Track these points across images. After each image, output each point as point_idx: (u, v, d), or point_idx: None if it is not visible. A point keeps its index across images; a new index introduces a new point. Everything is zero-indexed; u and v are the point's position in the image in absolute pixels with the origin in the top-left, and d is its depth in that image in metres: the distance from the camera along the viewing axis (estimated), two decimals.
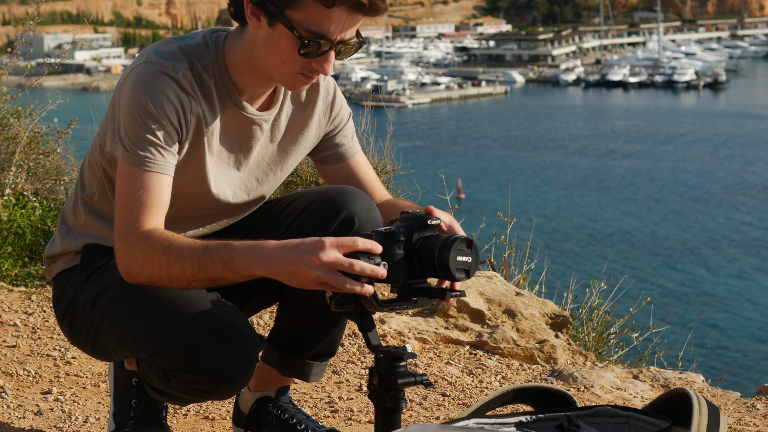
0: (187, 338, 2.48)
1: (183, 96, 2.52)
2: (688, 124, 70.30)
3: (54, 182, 6.34)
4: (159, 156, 2.49)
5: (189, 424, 3.51)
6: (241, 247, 2.36)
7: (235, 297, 2.85)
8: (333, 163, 2.90)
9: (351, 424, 3.57)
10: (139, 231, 2.45)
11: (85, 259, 2.71)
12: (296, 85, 2.57)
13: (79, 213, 2.75)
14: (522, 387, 2.66)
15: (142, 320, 2.54)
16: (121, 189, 2.49)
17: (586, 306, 5.63)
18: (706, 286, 30.51)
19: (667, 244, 36.24)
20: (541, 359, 4.47)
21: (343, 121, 2.89)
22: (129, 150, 2.48)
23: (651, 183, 48.29)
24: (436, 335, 4.53)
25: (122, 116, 2.51)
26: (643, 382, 4.20)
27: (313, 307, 2.83)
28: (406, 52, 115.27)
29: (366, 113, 6.20)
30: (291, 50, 2.47)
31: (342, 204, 2.76)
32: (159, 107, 2.49)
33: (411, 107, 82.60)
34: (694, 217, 40.76)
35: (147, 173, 2.48)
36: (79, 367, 4.02)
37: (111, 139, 2.54)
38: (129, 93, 2.50)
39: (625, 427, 2.48)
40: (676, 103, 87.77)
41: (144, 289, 2.53)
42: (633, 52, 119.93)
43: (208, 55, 2.59)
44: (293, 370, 2.98)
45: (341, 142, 2.89)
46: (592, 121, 72.69)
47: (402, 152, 6.32)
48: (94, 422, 3.49)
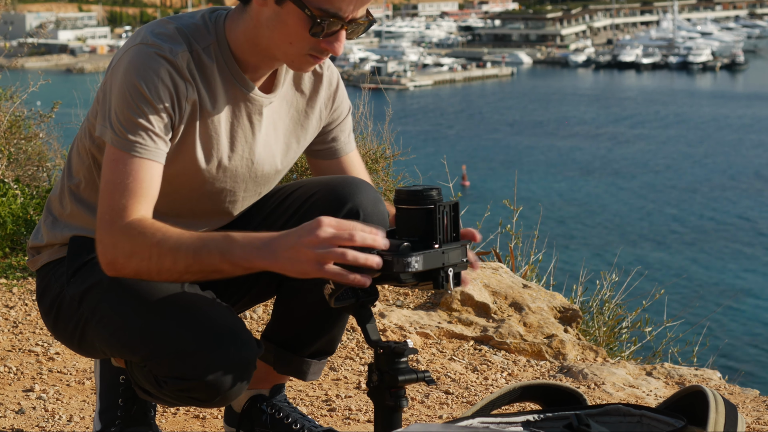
0: (181, 343, 2.45)
1: (179, 81, 2.50)
2: (704, 108, 70.27)
3: (36, 169, 6.35)
4: (150, 142, 2.46)
5: (178, 423, 3.51)
6: (241, 237, 2.33)
7: (231, 291, 2.83)
8: (326, 159, 2.89)
9: (349, 424, 3.57)
10: (126, 220, 2.41)
11: (72, 252, 2.69)
12: (303, 66, 2.56)
13: (66, 202, 2.73)
14: (529, 384, 2.66)
15: (133, 322, 2.50)
16: (107, 175, 2.46)
17: (596, 299, 5.63)
18: (723, 278, 30.53)
19: (682, 234, 36.27)
20: (550, 355, 4.47)
21: (342, 115, 2.88)
22: (118, 134, 2.45)
23: (665, 169, 48.30)
24: (439, 330, 4.54)
25: (114, 99, 2.48)
26: (656, 379, 4.20)
27: (315, 302, 2.80)
28: (407, 32, 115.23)
29: (364, 96, 6.19)
30: (300, 29, 2.46)
31: (346, 196, 2.75)
32: (153, 91, 2.46)
33: (412, 90, 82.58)
34: (711, 206, 40.78)
35: (136, 159, 2.45)
36: (62, 364, 4.02)
37: (101, 123, 2.50)
38: (122, 75, 2.48)
39: (638, 427, 2.48)
40: (691, 85, 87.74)
41: (136, 288, 2.51)
42: (646, 31, 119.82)
43: (207, 36, 2.57)
44: (290, 368, 2.97)
45: (338, 136, 2.88)
46: (602, 104, 72.67)
47: (402, 137, 6.32)
48: (78, 421, 3.49)
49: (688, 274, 29.12)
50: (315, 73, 2.78)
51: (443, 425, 2.38)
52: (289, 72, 2.73)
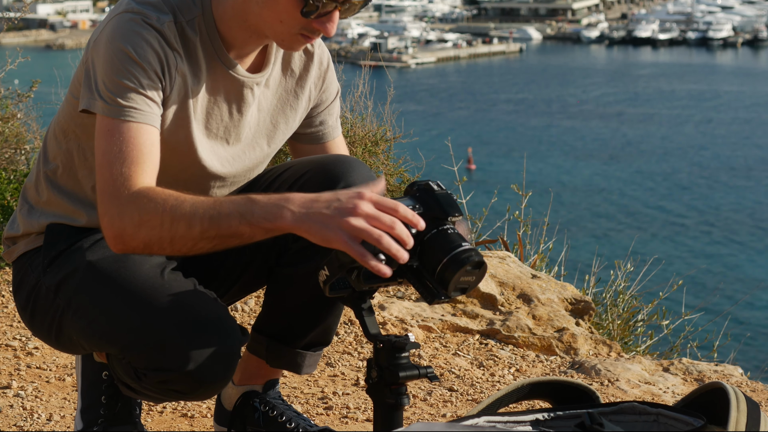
0: (160, 333, 2.46)
1: (168, 50, 2.49)
2: (725, 86, 70.24)
3: (14, 151, 6.33)
4: (144, 105, 2.44)
5: (165, 422, 3.51)
6: (264, 198, 2.29)
7: (219, 282, 2.83)
8: (309, 143, 2.89)
9: (347, 423, 3.57)
10: (133, 189, 2.38)
11: (48, 240, 2.68)
12: (293, 45, 2.55)
13: (42, 189, 2.73)
14: (538, 381, 2.66)
15: (110, 311, 2.51)
16: (103, 147, 2.43)
17: (610, 290, 5.64)
18: (745, 268, 30.55)
19: (701, 221, 36.28)
20: (560, 350, 4.47)
21: (331, 97, 2.88)
22: (109, 101, 2.43)
23: (683, 152, 48.30)
24: (443, 323, 4.54)
25: (99, 68, 2.46)
26: (674, 376, 4.20)
27: (308, 290, 2.81)
28: (409, 6, 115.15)
29: (363, 74, 6.18)
30: (291, 8, 2.45)
31: (339, 175, 2.75)
32: (141, 54, 2.45)
33: (414, 67, 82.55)
34: (732, 191, 40.78)
35: (132, 125, 2.43)
36: (42, 359, 4.02)
37: (88, 97, 2.47)
38: (106, 43, 2.46)
39: (654, 426, 2.48)
40: (711, 62, 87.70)
41: (113, 275, 2.51)
42: (663, 5, 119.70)
43: (193, 9, 2.56)
44: (283, 361, 2.97)
45: (325, 120, 2.88)
46: (617, 82, 72.64)
47: (404, 117, 6.31)
48: (59, 420, 3.49)
49: (708, 263, 29.14)
50: (306, 52, 2.78)
51: (447, 424, 2.38)
52: (279, 51, 2.72)
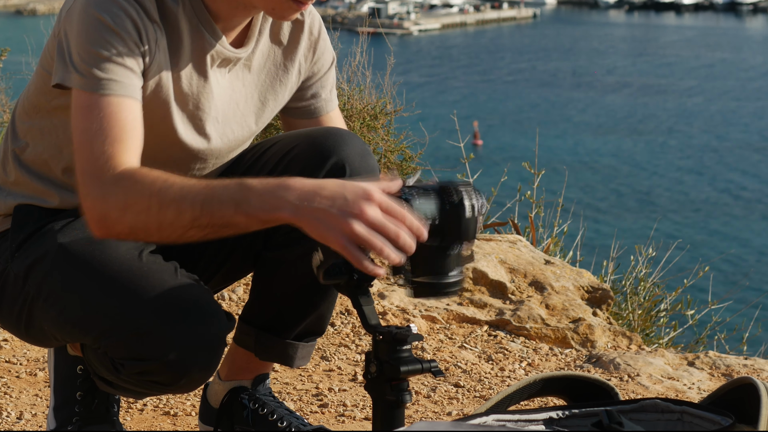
0: (138, 320, 2.45)
1: (147, 21, 2.48)
2: (755, 55, 70.19)
3: None
4: (123, 77, 2.42)
5: (146, 420, 3.52)
6: (260, 184, 2.25)
7: (201, 267, 2.84)
8: (303, 118, 2.89)
9: (343, 421, 3.57)
10: (117, 170, 2.36)
11: (16, 223, 2.68)
12: (285, 14, 2.54)
13: (10, 168, 2.72)
14: (552, 376, 2.66)
15: (84, 297, 2.50)
16: (81, 124, 2.41)
17: (630, 277, 5.64)
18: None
19: (730, 203, 36.31)
20: (576, 342, 4.48)
21: (324, 68, 2.88)
22: (85, 74, 2.41)
23: (708, 127, 48.30)
24: (448, 313, 4.54)
25: (73, 39, 2.45)
26: (700, 370, 4.21)
27: (299, 275, 2.81)
28: None
29: (362, 42, 6.17)
30: None
31: (330, 148, 2.75)
32: (118, 22, 2.43)
33: (417, 34, 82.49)
34: (762, 170, 40.78)
35: (112, 99, 2.41)
36: (11, 352, 4.02)
37: (62, 70, 2.46)
38: (80, 12, 2.45)
39: (678, 425, 2.48)
40: (740, 28, 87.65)
41: (87, 258, 2.51)
42: None
43: None
44: (273, 353, 2.97)
45: (318, 92, 2.88)
46: (637, 51, 72.61)
47: (406, 89, 6.32)
48: (30, 419, 3.49)
49: (737, 248, 29.17)
50: (295, 21, 2.78)
51: (452, 423, 2.38)
52: (266, 22, 2.72)
